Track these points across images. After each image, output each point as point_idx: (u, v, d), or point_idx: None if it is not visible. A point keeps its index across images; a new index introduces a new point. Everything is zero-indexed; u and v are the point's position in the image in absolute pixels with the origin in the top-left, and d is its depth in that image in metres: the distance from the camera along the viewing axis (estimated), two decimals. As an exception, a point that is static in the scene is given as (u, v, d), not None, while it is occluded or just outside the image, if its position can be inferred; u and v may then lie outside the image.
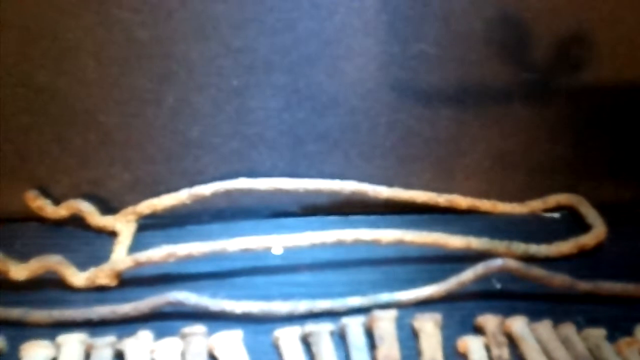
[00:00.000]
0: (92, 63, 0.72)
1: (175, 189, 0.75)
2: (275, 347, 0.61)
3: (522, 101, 0.76)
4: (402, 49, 0.73)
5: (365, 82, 0.74)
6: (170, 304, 0.63)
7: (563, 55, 0.74)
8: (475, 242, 0.71)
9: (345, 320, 0.62)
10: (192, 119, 0.74)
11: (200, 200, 0.74)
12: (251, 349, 0.61)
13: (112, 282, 0.68)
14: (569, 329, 0.63)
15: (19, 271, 0.66)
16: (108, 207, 0.76)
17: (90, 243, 0.73)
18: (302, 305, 0.64)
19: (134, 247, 0.71)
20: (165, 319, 0.63)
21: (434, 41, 0.73)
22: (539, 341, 0.62)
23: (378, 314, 0.62)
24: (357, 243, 0.70)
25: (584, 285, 0.67)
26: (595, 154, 0.79)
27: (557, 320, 0.63)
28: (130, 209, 0.74)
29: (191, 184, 0.75)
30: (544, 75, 0.75)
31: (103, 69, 0.72)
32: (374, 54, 0.73)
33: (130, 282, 0.68)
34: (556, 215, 0.79)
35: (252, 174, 0.75)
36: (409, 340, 0.62)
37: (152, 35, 0.71)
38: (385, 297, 0.65)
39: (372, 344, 0.61)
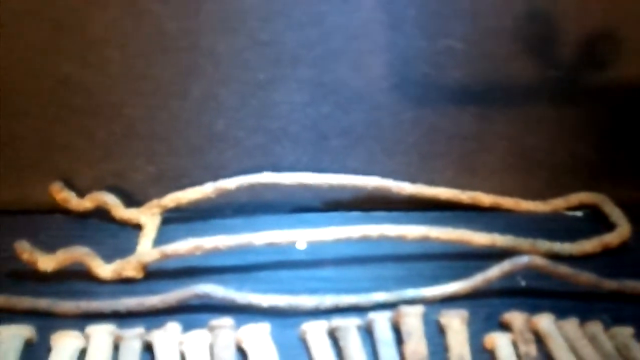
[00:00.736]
0: (119, 55, 0.72)
1: (199, 182, 0.74)
2: (303, 341, 0.61)
3: (547, 99, 0.76)
4: (428, 44, 0.73)
5: (390, 77, 0.74)
6: (198, 296, 0.63)
7: (590, 53, 0.74)
8: (499, 240, 0.71)
9: (372, 315, 0.62)
10: (217, 113, 0.74)
11: (224, 194, 0.74)
12: (278, 342, 0.60)
13: (138, 275, 0.68)
14: (595, 327, 0.62)
15: (47, 262, 0.66)
16: (132, 200, 0.76)
17: (115, 235, 0.73)
18: (328, 300, 0.64)
19: (159, 240, 0.71)
20: (193, 312, 0.63)
21: (461, 37, 0.73)
22: (566, 339, 0.62)
23: (405, 309, 0.62)
24: (382, 238, 0.69)
25: (610, 284, 0.66)
26: (620, 152, 0.79)
27: (582, 318, 0.63)
28: (155, 201, 0.74)
29: (214, 177, 0.74)
30: (570, 73, 0.75)
31: (129, 61, 0.72)
32: (399, 49, 0.73)
33: (156, 275, 0.68)
34: (579, 213, 0.79)
35: (275, 168, 0.75)
36: (435, 336, 0.62)
37: (180, 28, 0.71)
38: (410, 293, 0.65)
39: (398, 339, 0.61)
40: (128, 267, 0.67)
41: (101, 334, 0.60)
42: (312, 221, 0.74)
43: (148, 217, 0.74)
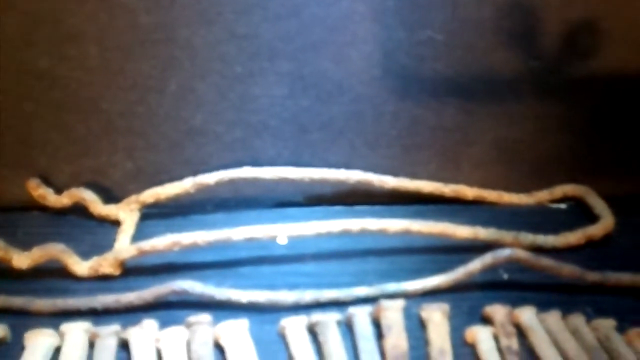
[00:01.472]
0: (95, 49, 0.71)
1: (179, 177, 0.74)
2: (282, 337, 0.61)
3: (529, 90, 0.76)
4: (409, 36, 0.73)
5: (371, 69, 0.74)
6: (175, 293, 0.63)
7: (571, 44, 0.74)
8: (482, 233, 0.71)
9: (353, 309, 0.62)
10: (195, 107, 0.74)
11: (204, 190, 0.74)
12: (257, 338, 0.60)
13: (116, 271, 0.67)
14: (578, 320, 0.62)
15: (22, 259, 0.66)
16: (110, 196, 0.75)
17: (93, 232, 0.73)
18: (308, 295, 0.64)
19: (137, 237, 0.71)
20: (170, 308, 0.63)
21: (441, 28, 0.72)
22: (548, 332, 0.61)
23: (385, 303, 0.62)
24: (363, 233, 0.69)
25: (593, 276, 0.66)
26: (603, 144, 0.78)
27: (565, 311, 0.63)
28: (133, 197, 0.74)
29: (194, 172, 0.74)
30: (553, 65, 0.74)
31: (106, 55, 0.71)
32: (380, 40, 0.73)
33: (134, 271, 0.68)
34: (563, 206, 0.79)
35: (255, 162, 0.75)
36: (417, 330, 0.62)
37: (156, 21, 0.70)
38: (392, 287, 0.65)
39: (379, 334, 0.61)
40: (105, 263, 0.67)
41: (76, 331, 0.59)
42: (294, 216, 0.73)
43: (126, 213, 0.73)
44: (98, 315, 0.62)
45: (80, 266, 0.67)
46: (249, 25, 0.71)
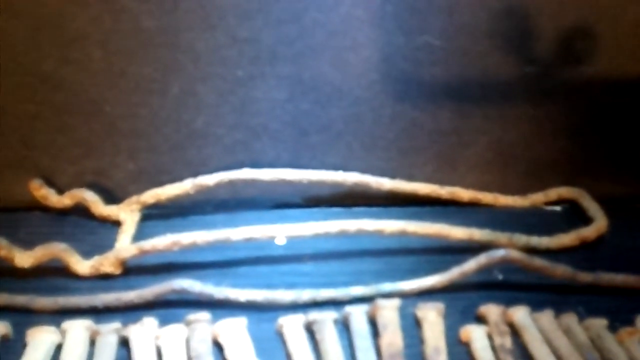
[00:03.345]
0: (99, 52, 0.72)
1: (179, 179, 0.75)
2: (279, 335, 0.62)
3: (524, 94, 0.77)
4: (407, 41, 0.73)
5: (370, 73, 0.75)
6: (175, 291, 0.64)
7: (566, 49, 0.75)
8: (477, 234, 0.71)
9: (349, 308, 0.63)
10: (196, 109, 0.75)
11: (204, 191, 0.74)
12: (255, 336, 0.61)
13: (117, 270, 0.68)
14: (570, 319, 0.63)
15: (24, 258, 0.67)
16: (112, 197, 0.76)
17: (94, 232, 0.73)
18: (305, 294, 0.65)
19: (138, 237, 0.72)
20: (170, 307, 0.64)
21: (439, 33, 0.73)
22: (541, 331, 0.62)
23: (381, 302, 0.63)
24: (360, 233, 0.70)
25: (585, 277, 0.67)
26: (597, 148, 0.79)
27: (558, 311, 0.64)
28: (134, 198, 0.75)
29: (195, 174, 0.75)
30: (547, 69, 0.75)
31: (109, 59, 0.72)
32: (378, 45, 0.74)
33: (135, 271, 0.68)
34: (557, 208, 0.80)
35: (255, 164, 0.76)
36: (412, 329, 0.63)
37: (159, 25, 0.71)
38: (388, 286, 0.66)
39: (375, 332, 0.62)
40: (106, 262, 0.67)
41: (77, 329, 0.60)
42: (292, 217, 0.74)
43: (127, 214, 0.74)
44: (99, 313, 0.63)
45: (82, 265, 0.67)
46: (250, 29, 0.72)
